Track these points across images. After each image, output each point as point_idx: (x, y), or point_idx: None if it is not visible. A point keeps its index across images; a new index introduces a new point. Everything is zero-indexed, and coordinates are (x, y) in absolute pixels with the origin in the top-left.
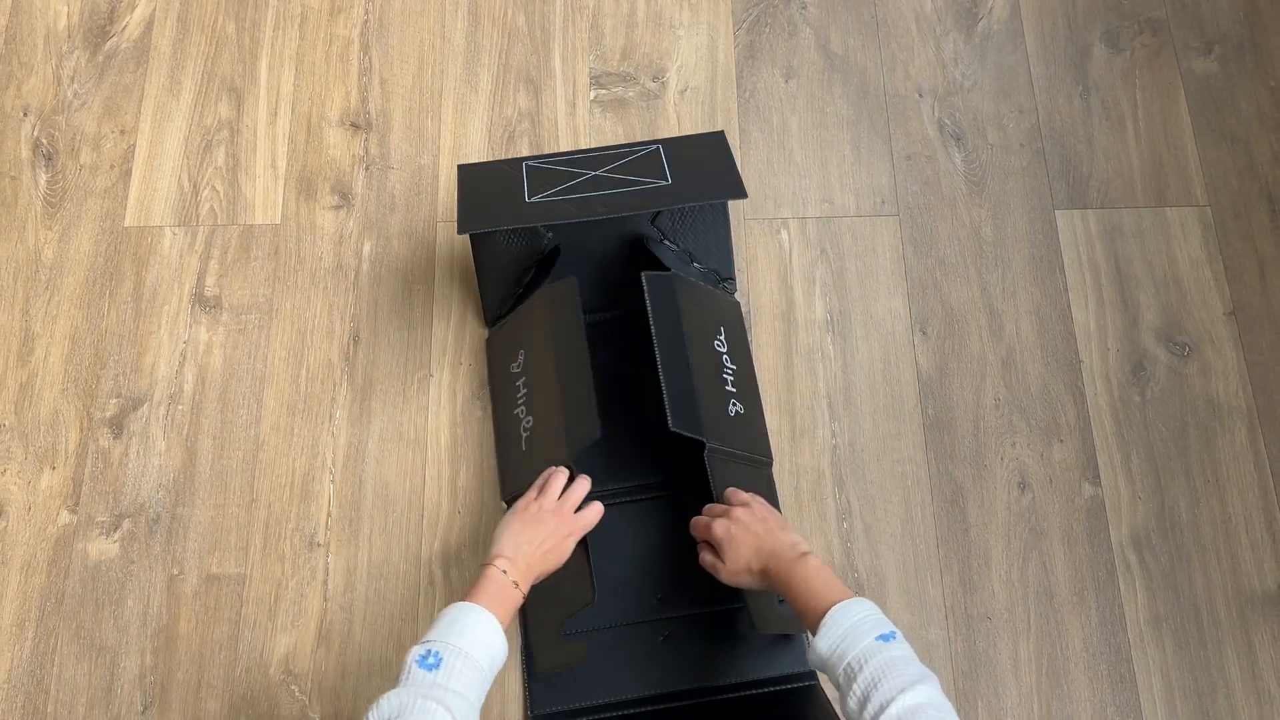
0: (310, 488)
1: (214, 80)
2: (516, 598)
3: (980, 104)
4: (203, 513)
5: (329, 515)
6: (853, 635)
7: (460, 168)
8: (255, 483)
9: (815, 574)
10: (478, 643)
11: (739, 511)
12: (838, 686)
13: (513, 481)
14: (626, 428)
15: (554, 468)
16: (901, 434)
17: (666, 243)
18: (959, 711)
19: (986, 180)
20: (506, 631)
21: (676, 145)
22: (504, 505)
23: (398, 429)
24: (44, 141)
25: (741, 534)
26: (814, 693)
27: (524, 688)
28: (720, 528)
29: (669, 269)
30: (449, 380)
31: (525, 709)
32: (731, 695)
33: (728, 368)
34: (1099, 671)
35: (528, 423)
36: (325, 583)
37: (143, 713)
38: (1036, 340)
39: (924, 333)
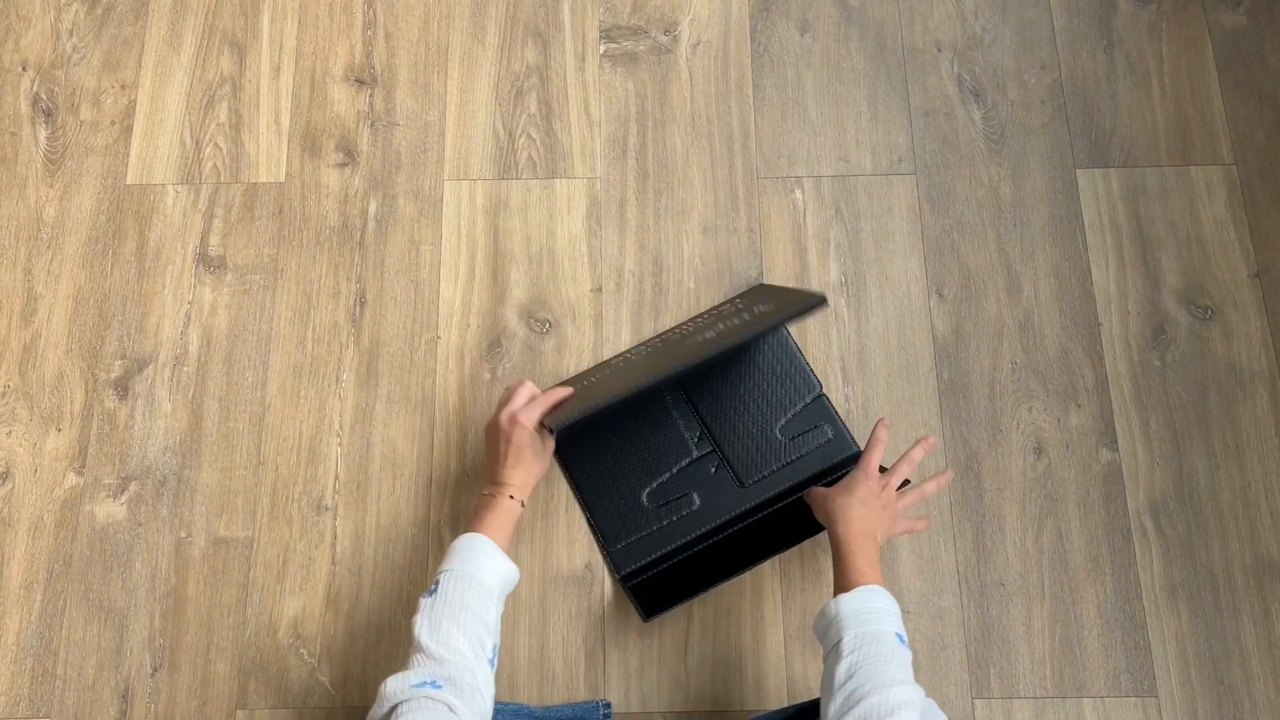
0: (317, 450)
1: (215, 34)
2: (510, 506)
3: (1001, 59)
4: (209, 475)
5: (336, 478)
6: (882, 615)
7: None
8: (262, 445)
9: (876, 552)
10: (472, 561)
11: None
12: (824, 637)
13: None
14: None
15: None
16: (916, 398)
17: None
18: (970, 677)
19: (1006, 138)
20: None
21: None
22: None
23: (405, 391)
24: (43, 97)
25: (871, 488)
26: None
27: (605, 559)
28: (876, 479)
29: None
30: (457, 342)
31: (613, 577)
32: (790, 500)
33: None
34: (1113, 639)
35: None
36: (333, 546)
37: (152, 675)
38: (1055, 303)
39: (940, 295)
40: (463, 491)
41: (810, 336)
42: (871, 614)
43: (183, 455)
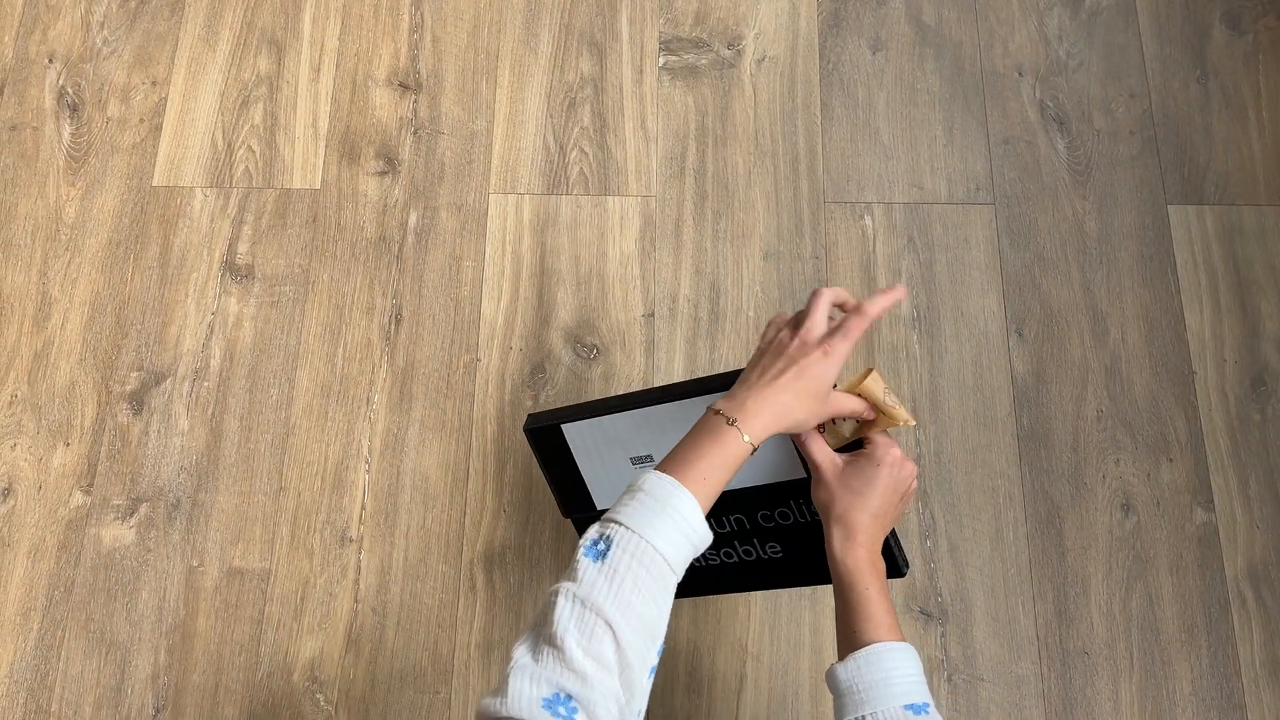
0: (344, 477)
1: (253, 32)
2: (738, 448)
3: (1087, 86)
4: (226, 500)
5: (363, 508)
6: (882, 688)
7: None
8: (284, 469)
9: (883, 593)
10: (658, 526)
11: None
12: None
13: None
14: None
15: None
16: (993, 445)
17: None
18: None
19: (1092, 170)
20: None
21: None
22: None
23: (440, 416)
24: (69, 91)
25: (899, 478)
26: None
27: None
28: (897, 451)
29: None
30: (498, 366)
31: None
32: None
33: None
34: (1209, 718)
35: None
36: (357, 582)
37: (154, 717)
38: (1144, 348)
39: (1020, 334)
40: (498, 528)
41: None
42: (872, 686)
43: (198, 477)
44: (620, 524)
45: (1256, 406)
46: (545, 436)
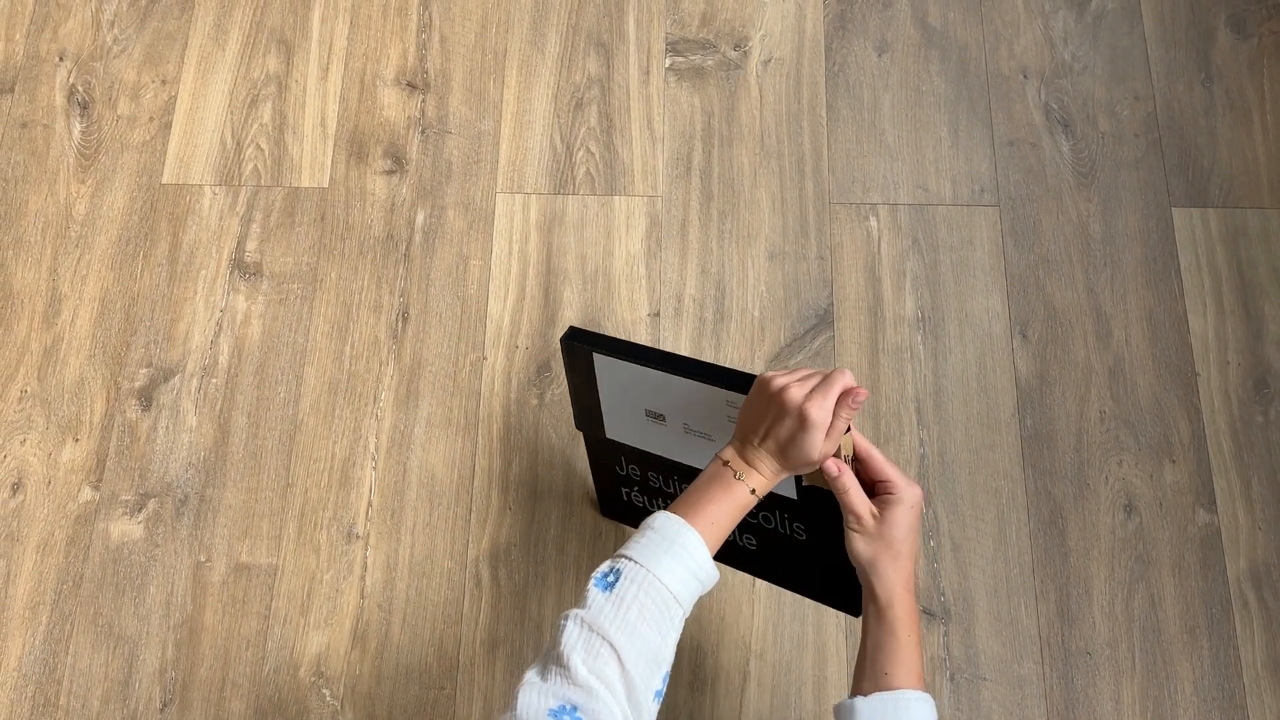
0: (350, 474)
1: (262, 31)
2: (744, 499)
3: (1091, 88)
4: (234, 496)
5: (369, 505)
6: None
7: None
8: (291, 466)
9: (919, 639)
10: (667, 564)
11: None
12: None
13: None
14: None
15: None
16: (996, 445)
17: None
18: None
19: (1096, 172)
20: None
21: None
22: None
23: (447, 414)
24: (80, 89)
25: (915, 516)
26: None
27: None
28: (919, 489)
29: None
30: (504, 365)
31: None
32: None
33: None
34: (1210, 719)
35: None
36: (363, 578)
37: (161, 710)
38: (1148, 349)
39: (1024, 335)
40: (504, 525)
41: (884, 375)
42: None
43: (206, 473)
44: (630, 559)
45: (1259, 409)
46: (577, 354)
